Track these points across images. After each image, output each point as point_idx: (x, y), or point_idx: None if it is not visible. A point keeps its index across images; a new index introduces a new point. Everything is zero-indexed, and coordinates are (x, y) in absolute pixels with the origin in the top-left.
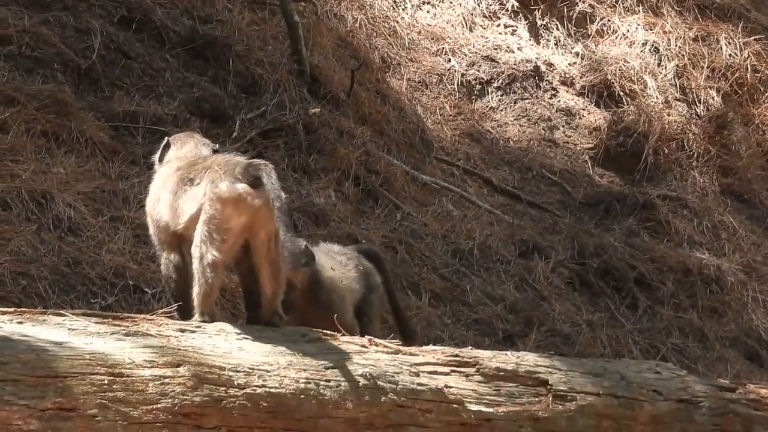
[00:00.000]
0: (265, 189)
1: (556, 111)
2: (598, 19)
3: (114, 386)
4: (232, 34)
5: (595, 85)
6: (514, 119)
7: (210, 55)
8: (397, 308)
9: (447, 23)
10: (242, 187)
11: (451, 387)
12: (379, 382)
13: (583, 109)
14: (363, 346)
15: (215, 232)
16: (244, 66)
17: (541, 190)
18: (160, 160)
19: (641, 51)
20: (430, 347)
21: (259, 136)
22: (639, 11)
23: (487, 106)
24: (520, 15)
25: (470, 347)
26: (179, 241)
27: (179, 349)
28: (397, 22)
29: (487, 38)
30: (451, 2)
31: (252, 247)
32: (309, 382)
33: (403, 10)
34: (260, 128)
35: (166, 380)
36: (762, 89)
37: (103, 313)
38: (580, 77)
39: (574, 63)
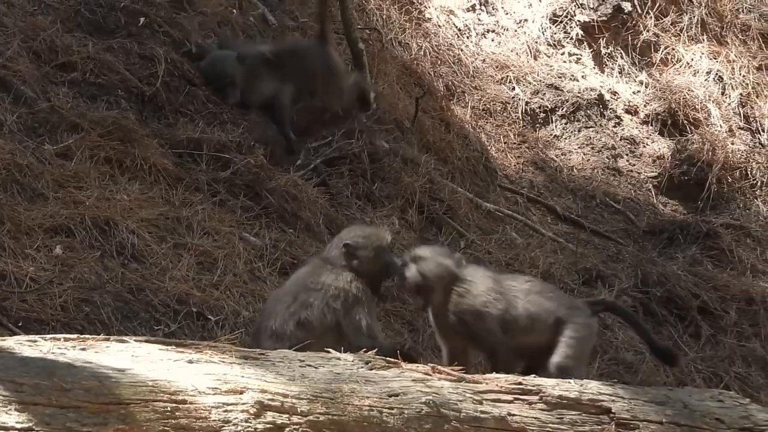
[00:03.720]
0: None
1: (620, 139)
2: (662, 47)
3: (177, 413)
4: None
5: (659, 114)
6: (578, 147)
7: None
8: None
9: (511, 51)
10: None
11: (514, 415)
12: (442, 410)
13: (647, 138)
14: (426, 373)
15: None
16: None
17: (605, 219)
18: None
19: (705, 80)
20: (494, 375)
21: (324, 163)
22: (703, 40)
23: (551, 134)
24: (585, 43)
25: (533, 375)
26: None
27: (242, 376)
28: (462, 50)
29: (551, 66)
30: (515, 30)
31: None
32: (372, 410)
33: (467, 38)
34: (325, 156)
35: (229, 407)
36: None
37: (166, 340)
38: (644, 106)
39: (638, 91)
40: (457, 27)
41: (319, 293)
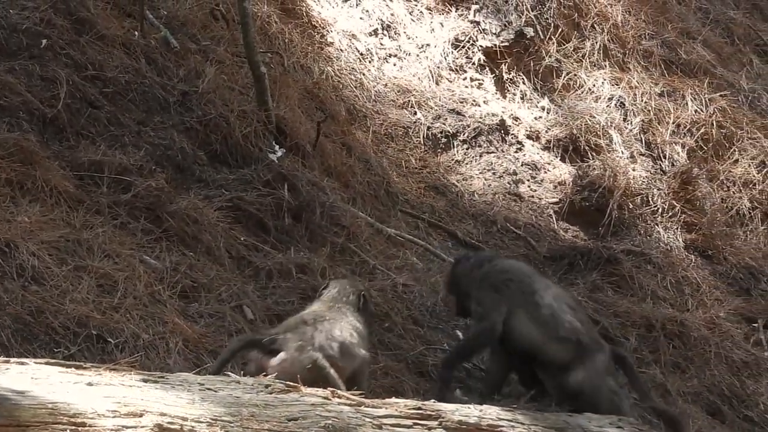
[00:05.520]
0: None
1: (522, 165)
2: (564, 73)
3: None
4: (199, 84)
5: (560, 140)
6: (480, 173)
7: (176, 105)
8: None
9: (413, 76)
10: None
11: None
12: None
13: (549, 164)
14: (326, 398)
15: None
16: (211, 116)
17: (506, 244)
18: None
19: (607, 106)
20: (393, 400)
21: (225, 188)
22: (605, 66)
23: (452, 159)
24: (487, 69)
25: (433, 400)
26: None
27: (142, 399)
28: (364, 74)
29: (453, 91)
30: (417, 55)
31: None
32: None
33: (369, 62)
34: (227, 179)
35: (129, 430)
36: (727, 145)
37: (66, 363)
38: (546, 131)
39: (540, 117)
40: (359, 51)
41: (351, 330)
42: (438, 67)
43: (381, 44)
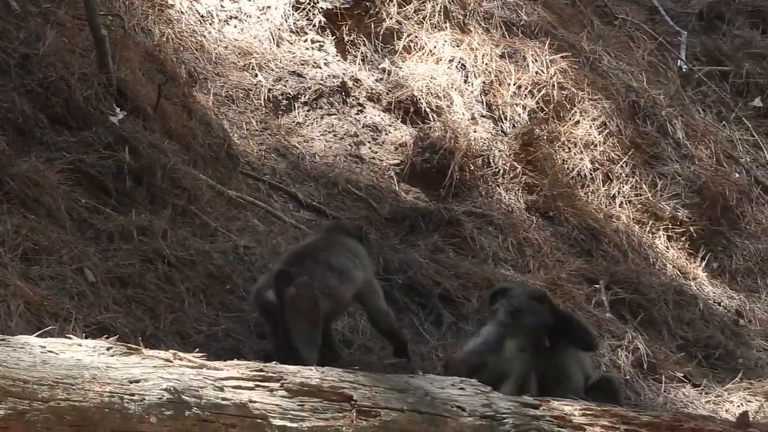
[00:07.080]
0: None
1: (363, 127)
2: (405, 35)
3: None
4: (39, 47)
5: (401, 102)
6: (321, 135)
7: (17, 68)
8: None
9: (254, 38)
10: None
11: (255, 402)
12: (183, 397)
13: (390, 125)
14: (167, 360)
15: None
16: (52, 79)
17: (347, 206)
18: None
19: (448, 67)
20: (235, 362)
21: (66, 151)
22: (446, 28)
23: (293, 122)
24: (327, 31)
25: (275, 362)
26: None
27: None
28: (205, 36)
29: (294, 53)
30: (258, 17)
31: None
32: (113, 396)
33: (210, 24)
34: (68, 142)
35: None
36: (568, 106)
37: None
38: (387, 93)
39: (381, 79)
40: (200, 13)
41: (348, 254)
42: (279, 29)
43: (222, 6)
